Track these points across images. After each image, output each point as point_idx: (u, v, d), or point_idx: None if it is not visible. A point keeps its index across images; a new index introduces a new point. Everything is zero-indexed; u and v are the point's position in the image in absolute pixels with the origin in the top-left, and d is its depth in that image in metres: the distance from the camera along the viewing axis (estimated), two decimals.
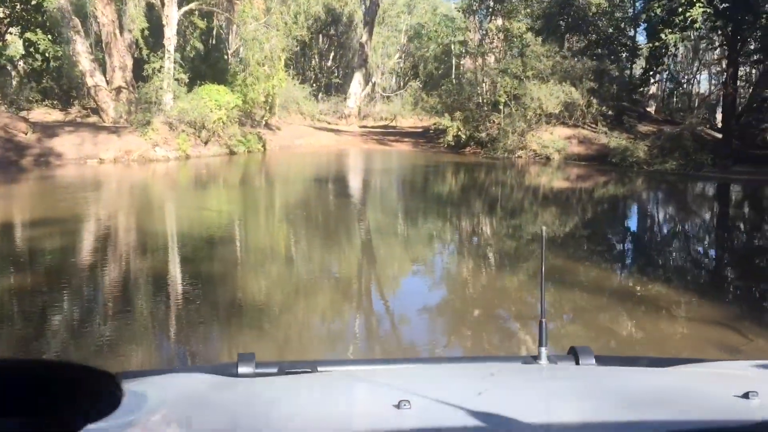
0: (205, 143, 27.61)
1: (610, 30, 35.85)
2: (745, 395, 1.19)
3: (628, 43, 34.91)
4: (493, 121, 30.06)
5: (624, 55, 34.91)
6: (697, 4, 24.77)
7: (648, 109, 36.97)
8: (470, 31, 33.01)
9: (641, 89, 32.52)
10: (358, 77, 48.60)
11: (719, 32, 25.89)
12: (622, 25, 35.98)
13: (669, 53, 26.31)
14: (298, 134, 36.46)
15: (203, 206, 15.94)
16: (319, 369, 1.61)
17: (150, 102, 25.73)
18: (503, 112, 29.48)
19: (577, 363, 1.69)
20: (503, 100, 29.13)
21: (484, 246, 12.32)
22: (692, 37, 25.21)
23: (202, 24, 36.14)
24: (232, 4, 27.46)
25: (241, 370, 1.56)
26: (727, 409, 1.10)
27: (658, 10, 25.97)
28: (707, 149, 24.84)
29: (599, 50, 31.78)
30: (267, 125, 35.82)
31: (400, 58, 67.42)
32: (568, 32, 32.04)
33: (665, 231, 14.98)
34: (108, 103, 27.27)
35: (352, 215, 15.52)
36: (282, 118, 39.43)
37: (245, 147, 28.77)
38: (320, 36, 60.52)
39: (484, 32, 31.76)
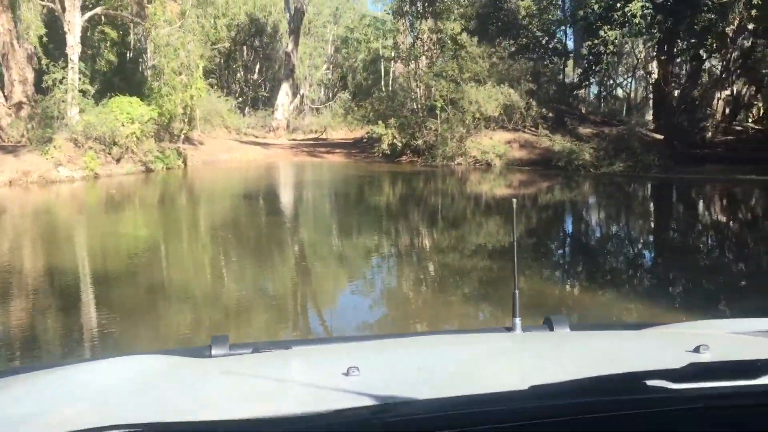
0: (117, 160, 24.81)
1: (538, 34, 34.81)
2: (697, 349, 1.31)
3: (558, 45, 33.89)
4: (430, 128, 28.22)
5: (555, 58, 33.86)
6: None
7: (583, 112, 35.90)
8: (401, 33, 31.12)
9: (580, 89, 31.29)
10: (285, 88, 46.21)
11: (655, 29, 24.71)
12: (553, 28, 35.00)
13: (608, 51, 25.04)
14: (223, 149, 33.83)
15: (106, 232, 13.38)
16: (292, 348, 1.60)
17: (51, 117, 22.82)
18: (440, 118, 27.66)
19: (552, 330, 1.70)
20: (439, 105, 27.30)
21: (424, 262, 10.36)
22: (630, 34, 23.90)
23: (113, 34, 33.25)
24: (143, 7, 24.80)
25: (215, 351, 1.53)
26: (680, 361, 1.09)
27: (596, 6, 24.65)
28: (651, 150, 23.58)
29: (530, 54, 30.50)
30: (188, 140, 33.07)
31: (328, 69, 65.34)
32: (500, 36, 30.57)
33: (630, 236, 13.27)
34: (4, 120, 24.21)
35: (281, 235, 13.22)
36: (206, 133, 36.72)
37: (163, 163, 26.08)
38: (244, 47, 57.91)
39: (416, 34, 29.91)
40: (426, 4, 28.94)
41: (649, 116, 32.19)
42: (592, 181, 21.69)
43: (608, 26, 24.05)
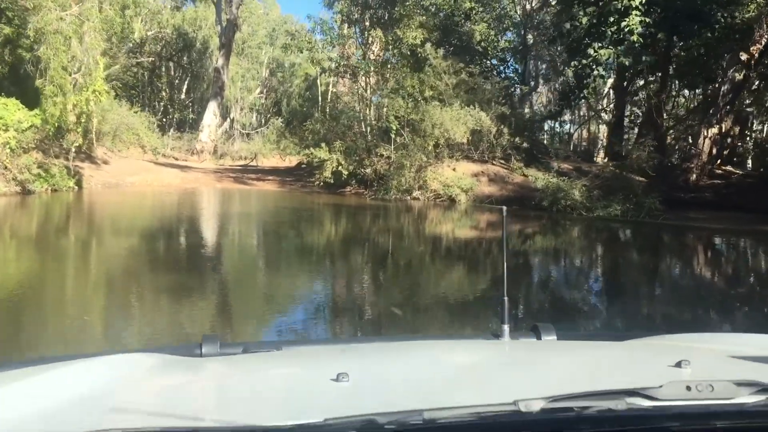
0: None
1: (494, 61, 30.65)
2: (678, 364, 1.25)
3: (515, 73, 29.73)
4: (381, 155, 23.18)
5: (517, 85, 29.65)
6: (634, 12, 19.28)
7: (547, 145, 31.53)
8: (348, 44, 25.93)
9: (558, 116, 26.86)
10: (212, 107, 40.44)
11: (650, 48, 20.48)
12: (508, 54, 30.88)
13: (595, 73, 20.61)
14: (132, 170, 27.78)
15: None
16: (282, 348, 1.56)
17: None
18: (394, 143, 22.68)
19: (539, 339, 1.66)
20: (395, 128, 22.29)
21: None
22: (624, 54, 19.44)
23: (7, 29, 26.99)
24: None
25: (205, 350, 1.47)
26: (661, 376, 1.07)
27: (584, 20, 20.26)
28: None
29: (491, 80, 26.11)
30: (90, 157, 26.99)
31: (262, 93, 59.86)
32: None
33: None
34: None
35: (181, 292, 7.78)
36: (116, 151, 30.61)
37: (48, 184, 20.04)
38: (171, 64, 51.86)
39: (367, 45, 24.88)
40: (382, 11, 24.03)
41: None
42: (593, 229, 16.94)
43: (598, 44, 19.68)
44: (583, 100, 22.33)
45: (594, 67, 19.88)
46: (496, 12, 29.63)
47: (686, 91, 25.62)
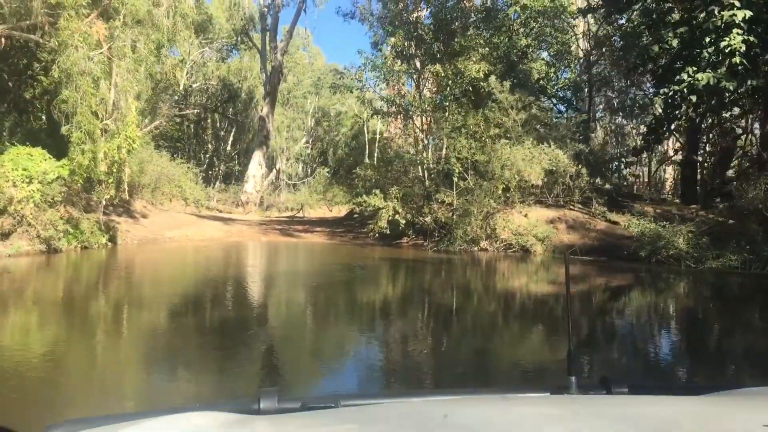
0: (6, 236, 16.73)
1: (554, 101, 28.11)
2: None
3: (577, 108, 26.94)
4: (442, 201, 20.55)
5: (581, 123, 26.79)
6: (735, 31, 16.48)
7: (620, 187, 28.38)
8: (400, 81, 23.48)
9: (645, 152, 23.81)
10: (258, 157, 38.57)
11: (752, 71, 17.46)
12: (569, 92, 28.26)
13: (690, 100, 17.64)
14: (172, 223, 25.67)
15: None
16: (341, 404, 1.50)
17: None
18: (456, 187, 20.04)
19: (609, 392, 1.58)
20: (457, 170, 19.69)
21: None
22: (726, 78, 16.50)
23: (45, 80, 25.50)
24: (56, 29, 17.08)
25: (263, 406, 1.45)
26: None
27: (674, 42, 17.51)
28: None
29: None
30: (127, 211, 25.03)
31: (307, 142, 58.25)
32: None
33: None
34: None
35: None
36: (157, 204, 28.68)
37: (76, 241, 17.92)
38: (216, 115, 50.58)
39: (422, 82, 22.40)
40: (437, 44, 21.63)
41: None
42: (710, 284, 13.88)
43: (693, 67, 16.87)
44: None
45: (688, 94, 17.00)
46: (554, 48, 27.14)
47: None
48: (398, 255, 18.97)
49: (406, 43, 21.79)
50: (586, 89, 29.39)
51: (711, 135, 25.60)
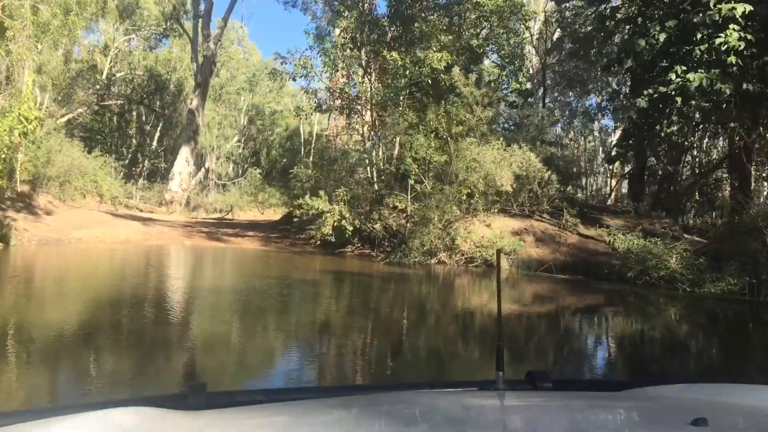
0: None
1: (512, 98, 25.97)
2: (696, 422, 1.13)
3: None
4: (393, 207, 17.92)
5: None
6: (731, 26, 14.54)
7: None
8: (347, 72, 20.59)
9: (618, 160, 21.70)
10: (185, 153, 34.99)
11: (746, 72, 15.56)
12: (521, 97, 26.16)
13: (676, 103, 15.57)
14: (81, 222, 22.05)
15: None
16: (270, 398, 1.52)
17: None
18: (412, 191, 17.46)
19: (535, 388, 1.58)
20: (414, 172, 17.09)
21: None
22: (722, 79, 14.50)
23: None
24: None
25: (191, 401, 1.39)
26: None
27: (661, 37, 15.46)
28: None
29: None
30: (28, 207, 21.33)
31: (239, 141, 54.66)
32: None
33: None
34: None
35: None
36: (67, 200, 24.94)
37: None
38: (141, 107, 46.51)
39: (376, 71, 19.64)
40: (395, 27, 18.97)
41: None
42: (749, 323, 11.75)
43: (682, 66, 14.83)
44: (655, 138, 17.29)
45: (675, 96, 14.93)
46: (506, 50, 24.94)
47: None
48: (346, 267, 16.18)
49: (357, 28, 19.04)
50: (540, 92, 27.46)
51: (659, 147, 23.91)
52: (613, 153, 20.66)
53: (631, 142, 18.21)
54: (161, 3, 40.85)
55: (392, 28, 19.24)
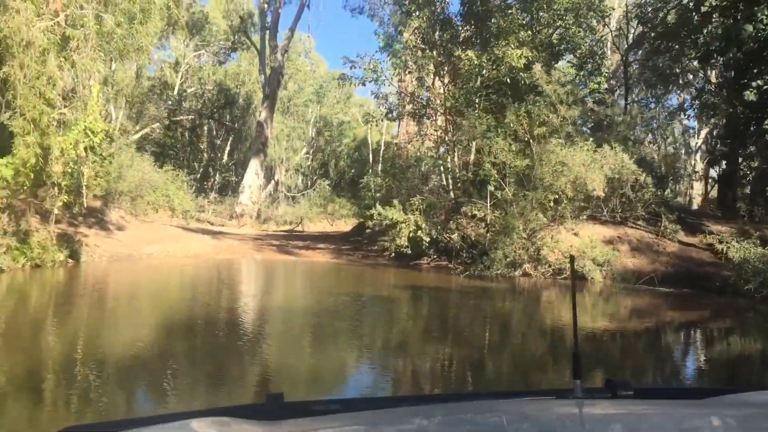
0: None
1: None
2: None
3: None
4: (472, 215, 16.71)
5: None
6: None
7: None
8: (428, 70, 19.36)
9: (721, 161, 19.84)
10: (254, 166, 34.66)
11: None
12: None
13: None
14: (152, 237, 21.73)
15: None
16: (347, 407, 1.51)
17: None
18: (492, 198, 16.23)
19: (615, 396, 1.52)
20: (494, 178, 15.87)
21: None
22: None
23: None
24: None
25: (270, 410, 1.42)
26: None
27: None
28: None
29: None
30: (100, 222, 21.12)
31: (308, 153, 54.41)
32: None
33: None
34: None
35: None
36: (140, 215, 24.78)
37: (24, 257, 14.04)
38: (212, 122, 46.74)
39: (446, 73, 18.43)
40: (468, 27, 17.80)
41: None
42: None
43: None
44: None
45: None
46: (582, 50, 23.27)
47: None
48: (424, 281, 15.06)
49: (428, 28, 17.92)
50: (619, 91, 25.72)
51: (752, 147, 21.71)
52: (715, 153, 18.77)
53: (732, 140, 16.40)
54: (229, 17, 40.96)
55: (465, 28, 18.06)
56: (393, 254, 17.23)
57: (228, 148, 48.57)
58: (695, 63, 20.12)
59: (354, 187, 49.03)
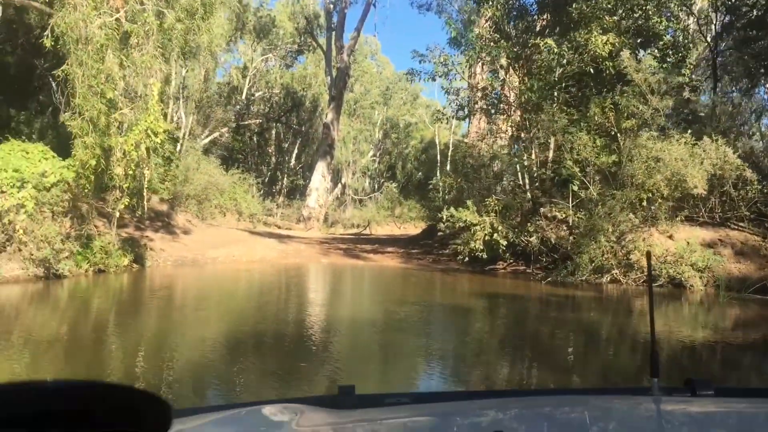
0: None
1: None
2: None
3: None
4: (552, 217, 15.39)
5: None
6: None
7: None
8: (503, 62, 17.95)
9: None
10: (321, 168, 34.02)
11: None
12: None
13: None
14: (218, 241, 21.22)
15: None
16: (417, 401, 1.48)
17: None
18: (574, 198, 14.87)
19: (694, 395, 1.44)
20: (577, 175, 14.51)
21: None
22: None
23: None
24: None
25: (342, 401, 1.39)
26: None
27: None
28: None
29: None
30: (166, 226, 20.74)
31: (375, 156, 53.65)
32: None
33: None
34: None
35: None
36: (206, 219, 24.43)
37: (87, 262, 13.59)
38: (279, 126, 46.54)
39: (520, 65, 17.02)
40: (545, 15, 16.48)
41: None
42: None
43: None
44: None
45: None
46: (664, 41, 21.43)
47: None
48: (504, 288, 13.84)
49: (503, 16, 16.65)
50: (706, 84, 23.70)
51: None
52: None
53: None
54: (295, 19, 40.58)
55: (542, 17, 16.73)
56: (466, 258, 16.03)
57: (296, 151, 48.31)
58: None
59: (422, 190, 47.95)
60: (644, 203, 13.16)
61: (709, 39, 23.40)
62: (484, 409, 1.39)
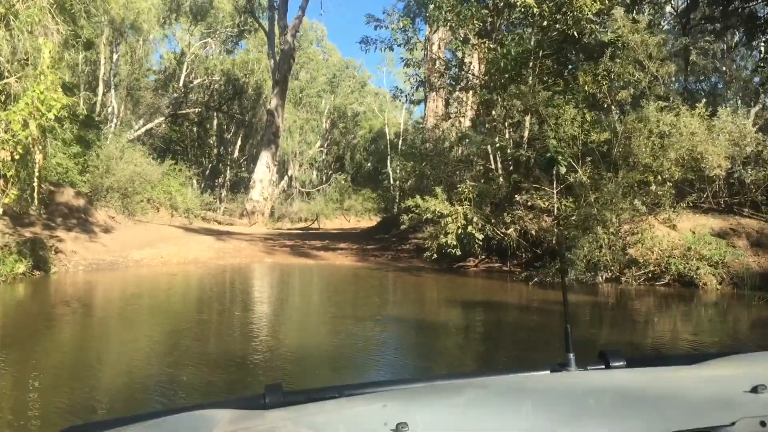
0: None
1: None
2: (754, 389, 1.10)
3: None
4: (530, 206, 13.02)
5: None
6: None
7: None
8: (475, 27, 15.30)
9: None
10: (265, 158, 30.97)
11: None
12: None
13: None
14: (145, 240, 18.13)
15: None
16: (345, 393, 1.41)
17: None
18: (558, 183, 12.52)
19: (608, 367, 1.49)
20: (565, 155, 12.13)
21: None
22: None
23: None
24: None
25: (269, 400, 1.33)
26: (734, 407, 0.97)
27: None
28: None
29: None
30: (83, 224, 17.55)
31: (323, 146, 50.78)
32: None
33: None
34: None
35: None
36: (139, 214, 21.26)
37: None
38: (220, 115, 43.18)
39: (486, 31, 14.51)
40: None
41: None
42: None
43: None
44: None
45: None
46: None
47: None
48: (483, 292, 11.34)
49: None
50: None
51: None
52: None
53: None
54: None
55: None
56: (434, 255, 13.49)
57: (239, 142, 45.08)
58: None
59: (372, 181, 45.44)
60: (651, 187, 10.82)
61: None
62: (402, 398, 1.31)
